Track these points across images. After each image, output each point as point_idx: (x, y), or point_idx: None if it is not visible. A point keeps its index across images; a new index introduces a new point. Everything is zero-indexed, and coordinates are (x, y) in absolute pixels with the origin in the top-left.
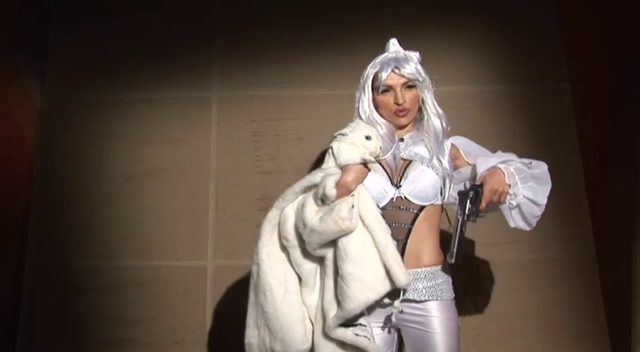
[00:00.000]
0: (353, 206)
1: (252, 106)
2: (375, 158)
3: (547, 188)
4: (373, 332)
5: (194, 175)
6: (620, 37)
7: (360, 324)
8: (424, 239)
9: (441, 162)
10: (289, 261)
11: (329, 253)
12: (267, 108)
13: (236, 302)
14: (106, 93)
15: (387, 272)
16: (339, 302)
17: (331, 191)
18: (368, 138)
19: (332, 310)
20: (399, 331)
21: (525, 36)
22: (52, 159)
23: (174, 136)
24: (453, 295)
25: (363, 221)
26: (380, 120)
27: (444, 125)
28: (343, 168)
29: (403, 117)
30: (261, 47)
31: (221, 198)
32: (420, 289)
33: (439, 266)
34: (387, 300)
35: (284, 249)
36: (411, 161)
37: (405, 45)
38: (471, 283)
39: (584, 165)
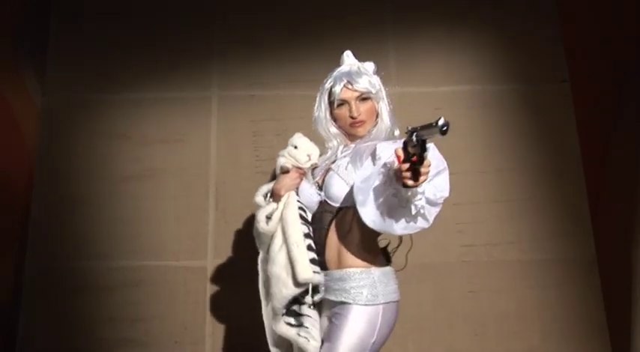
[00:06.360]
0: (276, 209)
1: (252, 106)
2: (305, 165)
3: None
4: (318, 331)
5: (194, 175)
6: (620, 38)
7: (304, 325)
8: (344, 241)
9: (360, 169)
10: None
11: None
12: (267, 108)
13: (235, 302)
14: (106, 92)
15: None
16: None
17: (256, 199)
18: (295, 147)
19: None
20: None
21: (525, 36)
22: (52, 159)
23: (174, 136)
24: (379, 301)
25: (283, 222)
26: (335, 132)
27: (389, 135)
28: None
29: (359, 127)
30: (262, 47)
31: (221, 198)
32: (335, 290)
33: (359, 269)
34: (315, 298)
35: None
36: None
37: (404, 45)
38: (471, 283)
39: (584, 165)
